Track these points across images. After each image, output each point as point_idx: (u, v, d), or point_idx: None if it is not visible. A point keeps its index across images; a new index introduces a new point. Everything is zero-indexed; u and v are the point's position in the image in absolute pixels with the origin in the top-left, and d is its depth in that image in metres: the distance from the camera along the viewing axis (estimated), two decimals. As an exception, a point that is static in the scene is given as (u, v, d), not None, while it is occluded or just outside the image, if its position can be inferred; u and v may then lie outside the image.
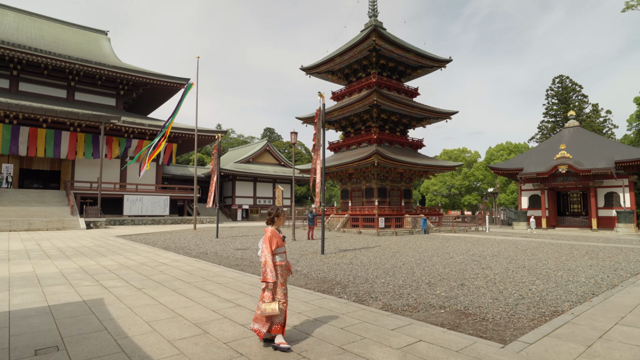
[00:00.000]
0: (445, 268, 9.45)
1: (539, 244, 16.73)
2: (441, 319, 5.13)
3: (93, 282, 7.17)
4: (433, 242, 17.28)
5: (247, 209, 50.74)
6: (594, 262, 10.77)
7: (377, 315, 5.10)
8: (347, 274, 8.49)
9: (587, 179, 29.21)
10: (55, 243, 15.00)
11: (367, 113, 28.21)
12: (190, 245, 14.79)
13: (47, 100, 34.95)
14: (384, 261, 10.72)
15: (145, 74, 38.49)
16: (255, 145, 57.53)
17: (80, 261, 10.03)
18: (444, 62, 29.98)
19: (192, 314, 5.05)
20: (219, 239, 17.75)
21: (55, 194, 31.69)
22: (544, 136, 51.15)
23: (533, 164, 32.62)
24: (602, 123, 49.44)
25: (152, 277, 7.76)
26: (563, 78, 50.53)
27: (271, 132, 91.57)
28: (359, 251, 13.33)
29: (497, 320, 5.07)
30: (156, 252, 12.48)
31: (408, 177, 29.68)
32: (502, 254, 12.63)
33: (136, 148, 36.42)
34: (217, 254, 12.16)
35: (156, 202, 35.69)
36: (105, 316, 4.92)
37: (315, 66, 30.51)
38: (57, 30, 44.85)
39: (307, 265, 9.91)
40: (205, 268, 9.06)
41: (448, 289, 7.00)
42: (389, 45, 26.77)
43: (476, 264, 10.30)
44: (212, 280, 7.52)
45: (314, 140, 12.42)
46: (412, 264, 10.10)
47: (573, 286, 7.30)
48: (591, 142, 32.06)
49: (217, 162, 18.29)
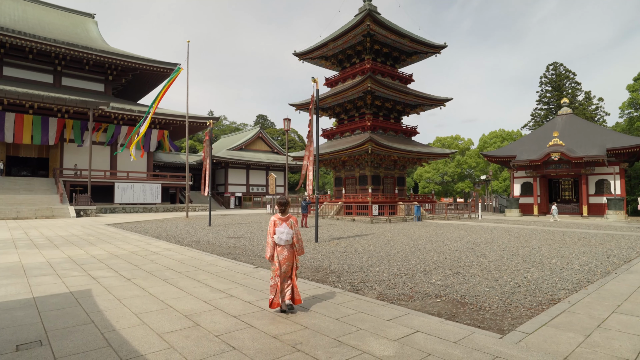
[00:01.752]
0: (440, 256, 9.41)
1: (532, 231, 16.83)
2: (438, 308, 5.05)
3: (81, 273, 6.98)
4: (427, 230, 17.29)
5: (240, 197, 50.48)
6: (586, 249, 10.82)
7: (373, 305, 5.01)
8: (342, 263, 8.40)
9: (579, 167, 29.40)
10: (44, 232, 14.71)
11: (361, 100, 27.91)
12: (182, 234, 14.60)
13: (33, 86, 34.04)
14: (378, 249, 10.65)
15: (134, 59, 37.60)
16: (248, 133, 56.94)
17: (69, 250, 9.80)
18: (439, 48, 29.66)
19: (183, 305, 4.90)
20: (211, 227, 17.57)
21: (44, 182, 31.13)
22: (537, 123, 51.33)
23: (526, 151, 32.73)
24: (595, 110, 49.67)
25: (142, 267, 7.58)
26: (557, 65, 50.47)
27: (264, 119, 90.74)
28: (353, 239, 13.27)
29: (494, 309, 5.01)
30: (147, 240, 12.28)
31: (402, 165, 29.62)
32: (496, 242, 12.65)
33: (126, 135, 35.78)
34: (209, 243, 12.00)
35: (148, 190, 35.29)
36: (92, 308, 4.76)
37: (309, 51, 30.01)
38: (42, 12, 43.47)
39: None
40: (197, 257, 8.90)
41: (444, 277, 6.94)
42: (383, 30, 26.35)
43: (470, 251, 10.28)
44: (204, 269, 7.37)
45: (309, 126, 12.18)
46: (407, 252, 10.05)
47: (568, 274, 7.29)
48: (584, 130, 32.20)
49: (208, 149, 17.98)
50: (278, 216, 4.76)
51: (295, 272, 4.74)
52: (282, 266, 4.62)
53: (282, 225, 4.67)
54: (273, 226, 4.69)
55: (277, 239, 4.63)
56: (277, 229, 4.66)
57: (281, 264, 4.61)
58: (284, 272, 4.63)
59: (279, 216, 4.76)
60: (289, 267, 4.66)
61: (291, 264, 4.69)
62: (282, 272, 4.62)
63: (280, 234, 4.62)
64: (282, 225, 4.67)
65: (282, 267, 4.61)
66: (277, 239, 4.63)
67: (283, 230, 4.63)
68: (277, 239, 4.63)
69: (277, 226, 4.68)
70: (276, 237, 4.63)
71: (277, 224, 4.69)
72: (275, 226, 4.69)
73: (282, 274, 4.62)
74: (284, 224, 4.67)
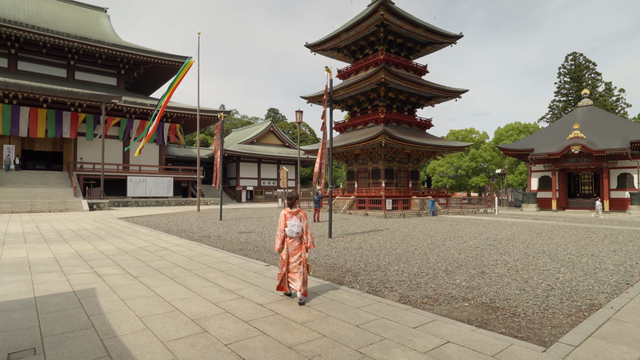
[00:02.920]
0: (460, 253, 8.93)
1: (553, 227, 16.16)
2: (467, 313, 4.61)
3: (87, 269, 6.72)
4: (442, 225, 16.76)
5: (251, 190, 50.41)
6: (616, 247, 10.21)
7: (396, 310, 4.60)
8: (358, 260, 8.00)
9: (600, 160, 28.34)
10: (55, 225, 14.64)
11: (374, 91, 27.29)
12: (193, 228, 14.37)
13: (46, 80, 34.26)
14: (394, 246, 10.22)
15: (146, 52, 37.52)
16: (259, 126, 56.69)
17: (78, 245, 9.61)
18: (455, 38, 28.78)
19: (190, 308, 4.57)
20: (222, 222, 17.33)
21: (58, 176, 31.39)
22: (555, 116, 49.88)
23: (544, 144, 31.69)
24: (615, 102, 48.01)
25: (150, 264, 7.30)
26: (577, 55, 48.81)
27: (275, 112, 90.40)
28: (367, 234, 12.84)
29: (529, 315, 4.55)
30: (157, 235, 12.06)
31: (416, 158, 28.97)
32: (517, 238, 12.09)
33: (138, 128, 35.84)
34: (220, 238, 11.71)
35: (160, 184, 35.34)
36: (94, 310, 4.45)
37: (321, 43, 29.43)
38: (55, 7, 43.69)
39: (315, 250, 9.42)
40: (207, 253, 8.60)
41: (468, 277, 6.48)
42: (397, 19, 25.61)
43: (492, 248, 9.77)
44: (214, 267, 7.05)
45: (323, 118, 11.75)
46: (425, 249, 9.59)
47: (603, 274, 6.76)
48: (605, 122, 31.00)
49: (219, 142, 17.66)
50: (288, 210, 5.05)
51: (306, 262, 4.94)
52: (293, 257, 4.93)
53: (293, 219, 4.93)
54: (284, 219, 4.96)
55: (289, 232, 4.90)
56: (288, 222, 4.93)
57: (291, 255, 4.94)
58: (295, 262, 4.91)
59: (289, 210, 5.05)
60: (299, 257, 4.92)
61: (302, 254, 4.94)
62: (293, 262, 4.92)
63: (292, 227, 4.89)
64: (293, 218, 4.94)
65: (292, 257, 4.93)
66: (289, 231, 4.89)
67: (294, 223, 4.89)
68: (289, 231, 4.89)
69: (288, 219, 4.95)
70: (288, 230, 4.90)
71: (287, 218, 4.97)
72: (286, 219, 4.96)
73: (293, 264, 4.92)
74: (294, 217, 4.95)
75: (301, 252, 4.94)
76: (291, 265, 4.92)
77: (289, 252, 4.93)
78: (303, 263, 4.87)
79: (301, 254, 4.92)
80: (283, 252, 4.96)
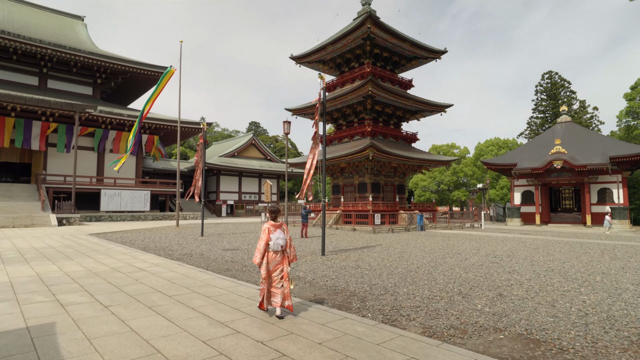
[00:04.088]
0: (467, 272, 8.30)
1: (546, 242, 15.86)
2: (507, 349, 3.91)
3: (48, 297, 5.70)
4: (435, 240, 16.21)
5: (232, 205, 49.00)
6: (622, 263, 9.82)
7: (425, 347, 3.85)
8: (360, 281, 7.23)
9: (581, 175, 28.74)
10: (17, 243, 13.26)
11: (360, 104, 26.97)
12: (173, 245, 13.29)
13: (17, 88, 32.46)
14: (393, 263, 9.51)
15: (123, 62, 36.27)
16: (241, 139, 55.66)
17: (40, 266, 8.46)
18: (439, 53, 28.97)
19: (175, 349, 3.69)
20: (204, 238, 16.25)
21: (25, 188, 29.44)
22: (533, 132, 51.03)
23: (527, 159, 32.04)
24: (589, 119, 49.55)
25: (124, 289, 6.32)
26: (552, 74, 50.37)
27: (257, 125, 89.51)
28: (361, 251, 12.11)
29: (579, 350, 3.88)
30: (133, 253, 10.96)
31: (402, 172, 28.66)
32: (517, 254, 11.61)
33: (114, 140, 34.31)
34: (203, 256, 10.73)
35: (136, 197, 33.71)
36: (50, 355, 3.52)
37: (306, 55, 29.07)
38: (29, 13, 41.98)
39: (310, 269, 8.60)
40: (191, 275, 7.65)
41: (488, 301, 5.81)
42: (384, 33, 25.56)
43: (497, 266, 9.20)
44: (199, 292, 6.13)
45: (314, 126, 11.06)
46: (428, 268, 8.92)
47: (628, 296, 6.22)
48: (585, 138, 31.67)
49: (202, 152, 16.68)
50: (272, 223, 4.91)
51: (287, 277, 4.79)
52: (275, 271, 4.79)
53: (277, 232, 4.81)
54: (267, 233, 4.80)
55: (273, 245, 4.77)
56: (272, 235, 4.79)
57: (273, 270, 4.78)
58: (277, 276, 4.77)
59: (272, 223, 4.91)
60: (281, 272, 4.80)
61: (284, 268, 4.82)
62: (275, 277, 4.77)
63: (276, 240, 4.76)
64: (277, 231, 4.82)
65: (274, 272, 4.78)
66: (274, 244, 4.76)
67: (278, 236, 4.78)
68: (274, 244, 4.76)
69: (272, 232, 4.81)
70: (272, 244, 4.77)
71: (271, 231, 4.82)
72: (269, 232, 4.81)
73: (275, 279, 4.77)
74: (278, 230, 4.83)
75: (283, 266, 4.83)
76: (273, 279, 4.78)
77: (271, 266, 4.78)
78: (285, 277, 4.76)
79: (283, 267, 4.82)
80: (263, 267, 4.78)
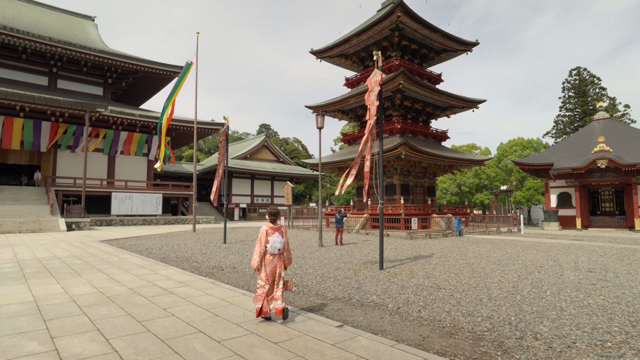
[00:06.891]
0: (593, 298, 6.37)
1: (611, 249, 13.80)
2: None
3: (43, 343, 3.91)
4: (488, 248, 14.23)
5: (244, 208, 47.38)
6: None
7: None
8: (464, 312, 5.35)
9: (629, 175, 26.46)
10: (19, 252, 11.60)
11: (388, 100, 25.10)
12: (196, 255, 11.52)
13: (26, 88, 31.21)
14: (475, 281, 7.60)
15: (135, 60, 34.88)
16: (253, 141, 54.14)
17: (40, 286, 6.72)
18: (471, 45, 27.03)
19: None
20: (228, 245, 14.47)
21: (34, 191, 28.06)
22: (560, 131, 48.66)
23: (563, 158, 29.85)
24: (620, 117, 47.09)
25: (151, 326, 4.52)
26: (580, 70, 48.01)
27: (267, 128, 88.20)
28: (419, 263, 10.22)
29: None
30: (152, 266, 9.19)
31: (432, 172, 26.69)
32: (609, 267, 9.62)
33: (125, 141, 32.87)
34: (236, 270, 8.93)
35: (148, 201, 32.17)
36: None
37: (328, 49, 27.33)
38: (39, 13, 40.98)
39: (382, 290, 6.72)
40: (234, 300, 5.83)
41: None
42: (414, 23, 23.68)
43: (612, 285, 7.25)
44: (256, 332, 4.31)
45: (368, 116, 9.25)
46: (528, 288, 7.00)
47: None
48: (628, 135, 29.39)
49: (224, 150, 14.91)
50: (270, 225, 4.79)
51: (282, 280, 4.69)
52: (271, 274, 4.68)
53: (275, 235, 4.73)
54: (265, 235, 4.71)
55: (270, 248, 4.69)
56: (270, 238, 4.70)
57: (271, 272, 4.68)
58: (272, 280, 4.68)
59: (270, 225, 4.79)
60: (277, 275, 4.72)
61: (279, 271, 4.73)
62: (270, 281, 4.66)
63: (273, 243, 4.69)
64: (275, 234, 4.73)
65: (270, 276, 4.66)
66: (271, 247, 4.69)
67: (276, 239, 4.70)
68: (271, 247, 4.69)
69: (270, 235, 4.72)
70: (270, 246, 4.69)
71: (269, 233, 4.73)
72: (267, 235, 4.71)
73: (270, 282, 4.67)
74: (276, 233, 4.74)
75: (279, 269, 4.76)
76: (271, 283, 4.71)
77: (268, 269, 4.69)
78: (281, 280, 4.70)
79: (280, 271, 4.75)
80: (262, 271, 4.71)
